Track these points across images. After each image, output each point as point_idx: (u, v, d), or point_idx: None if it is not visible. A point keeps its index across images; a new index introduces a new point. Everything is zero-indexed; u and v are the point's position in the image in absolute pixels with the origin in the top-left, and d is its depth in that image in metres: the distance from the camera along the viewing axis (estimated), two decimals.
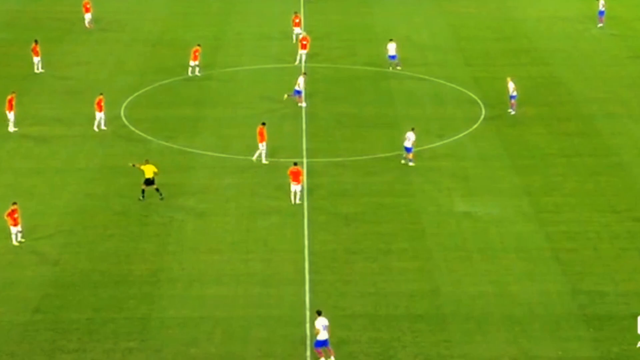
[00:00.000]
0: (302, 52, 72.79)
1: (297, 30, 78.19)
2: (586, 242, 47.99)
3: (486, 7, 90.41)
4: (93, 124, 60.67)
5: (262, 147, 55.79)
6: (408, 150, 55.79)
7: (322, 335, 38.30)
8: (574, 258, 46.45)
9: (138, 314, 41.81)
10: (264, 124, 56.27)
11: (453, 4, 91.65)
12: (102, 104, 60.58)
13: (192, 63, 70.43)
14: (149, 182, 51.34)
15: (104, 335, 40.25)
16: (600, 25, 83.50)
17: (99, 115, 60.60)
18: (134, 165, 52.39)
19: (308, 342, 39.81)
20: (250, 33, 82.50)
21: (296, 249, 47.10)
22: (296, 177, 51.09)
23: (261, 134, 55.69)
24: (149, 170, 51.35)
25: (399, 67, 72.38)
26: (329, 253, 46.76)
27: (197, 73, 70.60)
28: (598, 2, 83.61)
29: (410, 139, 55.65)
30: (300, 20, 78.65)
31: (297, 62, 72.67)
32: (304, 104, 64.55)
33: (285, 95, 64.96)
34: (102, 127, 60.81)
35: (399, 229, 49.12)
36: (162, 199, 51.41)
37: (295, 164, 52.00)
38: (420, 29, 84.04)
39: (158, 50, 77.60)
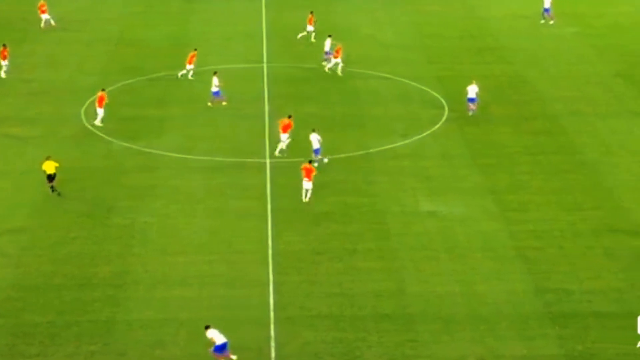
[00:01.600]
0: (337, 61, 71.66)
1: (309, 28, 78.42)
2: (552, 240, 48.05)
3: (450, 5, 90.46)
4: (58, 125, 60.62)
5: (284, 138, 56.52)
6: (318, 151, 55.43)
7: (220, 339, 38.16)
8: (540, 256, 46.51)
9: (102, 316, 41.42)
10: (290, 116, 57.21)
11: (417, 1, 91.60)
12: (103, 100, 60.62)
13: (188, 67, 69.82)
14: (51, 178, 51.15)
15: (66, 338, 39.79)
16: (543, 22, 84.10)
17: (100, 112, 60.65)
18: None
19: (273, 343, 39.62)
20: (213, 33, 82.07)
21: (261, 250, 46.83)
22: (307, 173, 50.88)
23: (289, 126, 56.48)
24: (49, 167, 51.15)
25: (324, 63, 72.09)
26: (295, 253, 46.53)
27: (181, 74, 69.87)
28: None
29: (316, 140, 55.39)
30: (314, 19, 78.51)
31: (339, 71, 71.46)
32: (224, 103, 64.56)
33: (209, 103, 64.85)
34: (99, 123, 60.68)
35: (364, 228, 48.96)
36: (58, 194, 51.23)
37: (311, 161, 51.98)
38: (384, 27, 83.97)
39: (120, 50, 77.06)
